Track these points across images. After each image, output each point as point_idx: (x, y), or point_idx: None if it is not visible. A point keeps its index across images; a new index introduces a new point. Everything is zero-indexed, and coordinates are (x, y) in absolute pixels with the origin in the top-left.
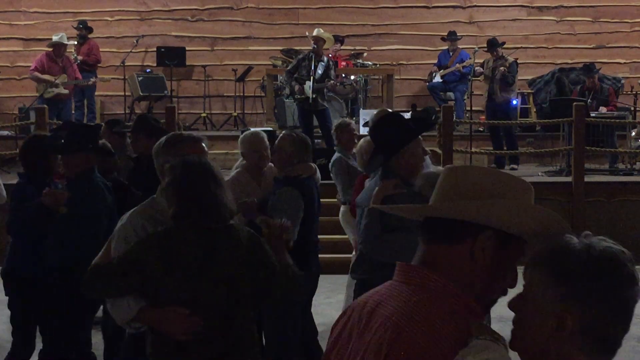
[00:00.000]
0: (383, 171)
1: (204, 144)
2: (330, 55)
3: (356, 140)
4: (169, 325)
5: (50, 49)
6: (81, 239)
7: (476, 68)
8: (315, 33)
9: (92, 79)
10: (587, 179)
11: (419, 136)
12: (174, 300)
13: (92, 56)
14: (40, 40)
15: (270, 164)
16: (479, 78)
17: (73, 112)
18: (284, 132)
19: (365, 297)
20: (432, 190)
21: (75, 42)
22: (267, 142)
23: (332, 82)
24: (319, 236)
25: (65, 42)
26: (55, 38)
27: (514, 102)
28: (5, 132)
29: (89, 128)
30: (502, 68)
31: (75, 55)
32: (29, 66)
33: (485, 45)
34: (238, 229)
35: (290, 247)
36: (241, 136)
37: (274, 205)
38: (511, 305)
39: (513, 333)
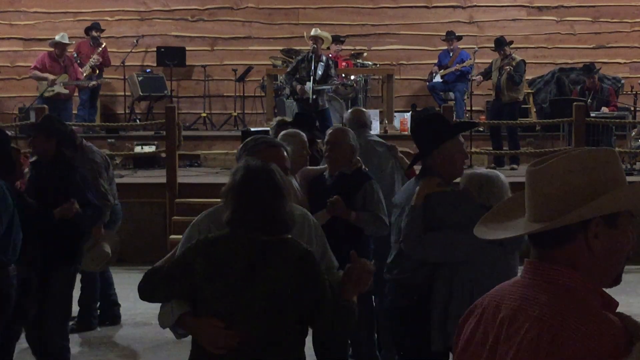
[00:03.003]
0: (421, 170)
1: (284, 150)
2: (330, 55)
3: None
4: (203, 336)
5: (52, 49)
6: None
7: (477, 76)
8: (313, 33)
9: (94, 82)
10: None
11: (459, 137)
12: (211, 310)
13: (107, 59)
14: (40, 40)
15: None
16: (490, 79)
17: (75, 111)
18: (336, 126)
19: (495, 298)
20: (478, 191)
21: (102, 45)
22: None
23: (336, 82)
24: None
25: (67, 41)
26: (57, 37)
27: None
28: None
29: None
30: (508, 67)
31: (97, 57)
32: (29, 66)
33: (485, 44)
34: (292, 245)
35: (366, 288)
36: (284, 135)
37: (369, 200)
38: None
39: None
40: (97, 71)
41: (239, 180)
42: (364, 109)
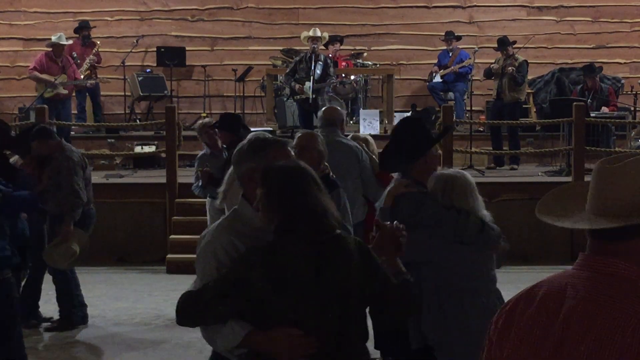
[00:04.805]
0: (402, 174)
1: (290, 149)
2: (330, 55)
3: (216, 137)
4: (280, 348)
5: (50, 49)
6: None
7: (493, 64)
8: (311, 33)
9: (92, 80)
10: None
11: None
12: (283, 321)
13: (99, 57)
14: (40, 40)
15: None
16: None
17: (75, 112)
18: (305, 131)
19: (552, 287)
20: (442, 191)
21: (97, 44)
22: None
23: (334, 81)
24: None
25: (64, 42)
26: (54, 38)
27: None
28: None
29: None
30: (510, 68)
31: (93, 57)
32: (29, 66)
33: (485, 44)
34: (346, 239)
35: (402, 252)
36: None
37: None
38: None
39: None
40: (96, 71)
41: (279, 184)
42: (339, 108)
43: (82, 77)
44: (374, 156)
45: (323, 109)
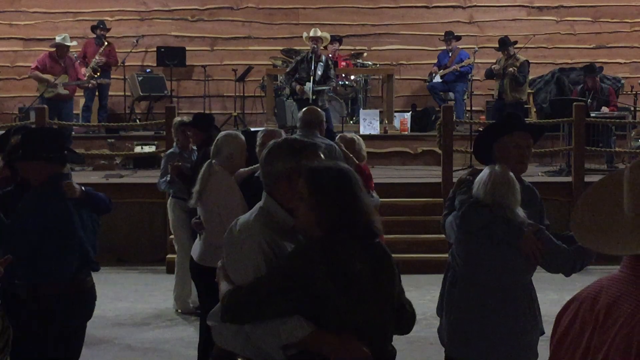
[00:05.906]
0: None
1: (320, 153)
2: (329, 55)
3: (190, 138)
4: (346, 354)
5: (53, 49)
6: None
7: (494, 65)
8: (312, 33)
9: (93, 81)
10: (587, 179)
11: (520, 133)
12: (344, 324)
13: (113, 58)
14: (40, 40)
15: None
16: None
17: (77, 112)
18: (267, 128)
19: (593, 291)
20: (484, 186)
21: (106, 44)
22: None
23: (334, 84)
24: None
25: (69, 43)
26: (58, 39)
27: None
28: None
29: (45, 134)
30: (511, 69)
31: (99, 57)
32: (29, 66)
33: (485, 44)
34: (384, 246)
35: None
36: (224, 136)
37: None
38: None
39: None
40: (99, 72)
41: (331, 184)
42: (318, 110)
43: (85, 77)
44: (352, 155)
45: (302, 110)
